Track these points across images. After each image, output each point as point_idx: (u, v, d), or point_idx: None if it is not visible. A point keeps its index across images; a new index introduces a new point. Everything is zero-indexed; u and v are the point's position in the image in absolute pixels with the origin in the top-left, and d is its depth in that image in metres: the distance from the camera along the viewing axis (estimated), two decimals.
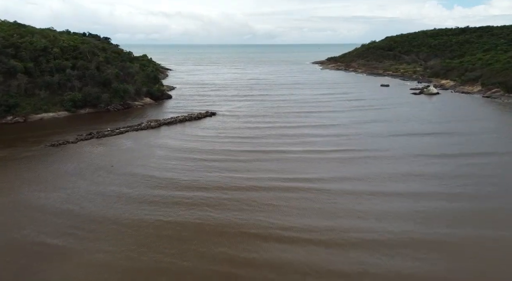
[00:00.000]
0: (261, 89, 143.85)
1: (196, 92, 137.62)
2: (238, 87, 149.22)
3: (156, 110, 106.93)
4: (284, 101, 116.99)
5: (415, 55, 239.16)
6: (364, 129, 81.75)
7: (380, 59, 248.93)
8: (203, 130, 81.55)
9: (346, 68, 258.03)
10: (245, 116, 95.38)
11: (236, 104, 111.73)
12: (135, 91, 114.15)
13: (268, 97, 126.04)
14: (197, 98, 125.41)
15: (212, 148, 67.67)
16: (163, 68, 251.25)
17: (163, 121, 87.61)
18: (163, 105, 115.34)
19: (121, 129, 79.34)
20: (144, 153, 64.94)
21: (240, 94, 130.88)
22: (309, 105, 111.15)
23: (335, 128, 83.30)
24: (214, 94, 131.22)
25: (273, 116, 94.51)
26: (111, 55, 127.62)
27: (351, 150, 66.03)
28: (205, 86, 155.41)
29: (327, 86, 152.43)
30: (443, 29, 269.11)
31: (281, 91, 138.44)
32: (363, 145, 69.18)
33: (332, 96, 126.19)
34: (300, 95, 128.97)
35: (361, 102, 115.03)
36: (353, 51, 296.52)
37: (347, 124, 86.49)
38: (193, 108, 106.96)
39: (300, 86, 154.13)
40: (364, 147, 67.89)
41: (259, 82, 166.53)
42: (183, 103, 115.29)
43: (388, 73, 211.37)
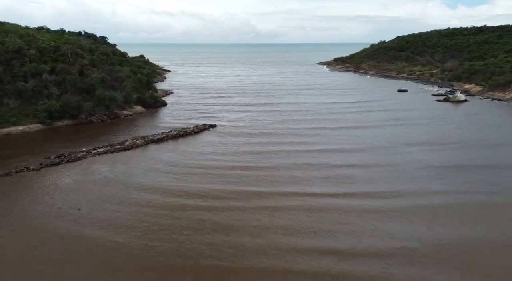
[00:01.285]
0: (266, 95, 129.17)
1: (195, 99, 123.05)
2: (241, 93, 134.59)
3: (147, 121, 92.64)
4: (294, 112, 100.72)
5: (430, 56, 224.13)
6: (406, 157, 62.47)
7: (391, 60, 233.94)
8: (198, 155, 65.50)
9: (355, 69, 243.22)
10: (249, 134, 78.75)
11: (239, 115, 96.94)
12: (124, 98, 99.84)
13: (275, 106, 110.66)
14: (195, 105, 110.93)
15: (206, 189, 49.73)
16: (162, 69, 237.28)
17: (151, 138, 73.21)
18: (156, 114, 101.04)
19: (99, 150, 65.06)
20: (121, 188, 50.62)
21: (243, 103, 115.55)
22: (325, 117, 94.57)
23: (367, 153, 64.78)
24: (214, 102, 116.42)
25: (282, 134, 78.08)
26: (98, 57, 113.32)
27: (411, 195, 46.75)
28: (204, 91, 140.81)
29: (340, 92, 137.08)
30: (458, 29, 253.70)
31: (288, 98, 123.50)
32: (422, 185, 50.13)
33: (349, 105, 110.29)
34: (312, 104, 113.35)
35: (386, 114, 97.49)
36: (362, 51, 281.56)
37: (380, 148, 68.14)
38: (189, 119, 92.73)
39: (309, 91, 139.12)
40: (425, 188, 48.87)
41: (264, 87, 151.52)
42: (178, 113, 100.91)
43: (402, 76, 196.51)
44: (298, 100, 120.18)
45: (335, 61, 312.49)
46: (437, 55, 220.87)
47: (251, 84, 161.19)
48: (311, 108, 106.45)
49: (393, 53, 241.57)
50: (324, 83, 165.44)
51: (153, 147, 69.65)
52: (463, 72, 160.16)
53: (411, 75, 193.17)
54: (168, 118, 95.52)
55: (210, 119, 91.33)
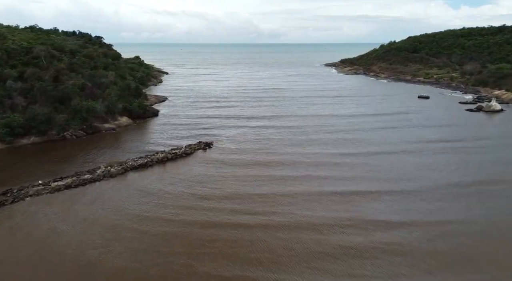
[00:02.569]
0: (272, 104, 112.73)
1: (190, 108, 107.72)
2: (243, 100, 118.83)
3: (131, 136, 77.79)
4: (307, 128, 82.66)
5: (446, 57, 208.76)
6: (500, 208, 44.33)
7: (404, 62, 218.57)
8: (187, 189, 50.77)
9: (365, 72, 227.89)
10: (253, 163, 60.00)
11: (240, 131, 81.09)
12: (106, 109, 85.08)
13: (283, 119, 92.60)
14: (190, 116, 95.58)
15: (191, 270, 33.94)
16: (159, 71, 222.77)
17: (131, 163, 58.23)
18: (144, 128, 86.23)
19: (59, 184, 50.22)
20: (74, 248, 35.86)
21: (245, 114, 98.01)
22: (346, 136, 75.83)
23: (430, 200, 45.70)
24: (212, 113, 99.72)
25: (297, 162, 59.71)
26: (80, 59, 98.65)
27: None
28: (203, 97, 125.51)
29: (355, 100, 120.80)
30: (475, 28, 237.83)
31: (297, 107, 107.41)
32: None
33: (371, 119, 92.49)
34: (326, 116, 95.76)
35: (418, 133, 78.33)
36: (371, 52, 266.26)
37: (444, 188, 49.30)
38: (182, 135, 77.96)
39: (320, 99, 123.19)
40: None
41: (268, 93, 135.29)
42: (170, 126, 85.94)
43: (417, 79, 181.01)
44: (309, 110, 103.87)
45: (342, 62, 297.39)
46: (455, 56, 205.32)
47: (254, 89, 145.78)
48: (326, 122, 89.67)
49: (405, 54, 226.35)
50: (334, 88, 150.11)
51: (131, 177, 54.79)
52: (489, 76, 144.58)
53: (428, 79, 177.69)
54: (157, 133, 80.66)
55: (206, 136, 76.25)
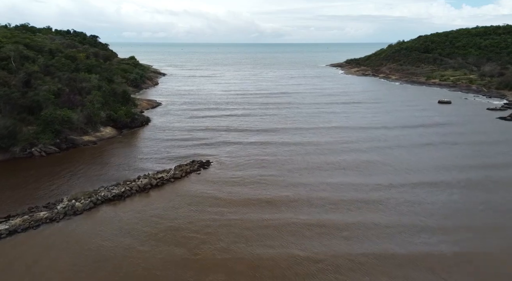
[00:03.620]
0: (278, 113, 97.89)
1: (187, 116, 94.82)
2: (245, 107, 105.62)
3: (113, 152, 65.57)
4: (321, 147, 67.59)
5: (462, 58, 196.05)
6: None
7: (416, 63, 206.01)
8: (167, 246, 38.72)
9: (374, 73, 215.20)
10: (258, 199, 45.70)
11: (242, 149, 66.98)
12: (86, 118, 72.88)
13: (292, 133, 77.24)
14: (185, 127, 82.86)
15: None
16: (156, 72, 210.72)
17: (104, 193, 45.83)
18: (130, 141, 73.99)
19: (3, 227, 37.95)
20: None
21: (248, 127, 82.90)
22: (373, 158, 60.95)
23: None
24: (211, 124, 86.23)
25: (312, 201, 45.26)
26: (59, 61, 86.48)
27: None
28: (201, 102, 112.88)
29: (371, 107, 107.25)
30: (490, 27, 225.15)
31: (308, 118, 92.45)
32: None
33: (397, 133, 77.80)
34: (342, 129, 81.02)
35: (459, 151, 64.95)
36: (379, 52, 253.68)
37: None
38: (174, 150, 65.77)
39: (331, 105, 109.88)
40: None
41: (273, 98, 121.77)
42: (161, 139, 73.58)
43: (432, 82, 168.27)
44: (320, 120, 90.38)
45: (348, 63, 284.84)
46: (470, 57, 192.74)
47: (257, 93, 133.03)
48: (342, 136, 75.86)
49: (417, 54, 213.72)
50: (344, 92, 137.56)
51: (102, 214, 42.54)
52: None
53: (444, 81, 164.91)
54: (144, 147, 68.45)
55: (201, 152, 63.98)
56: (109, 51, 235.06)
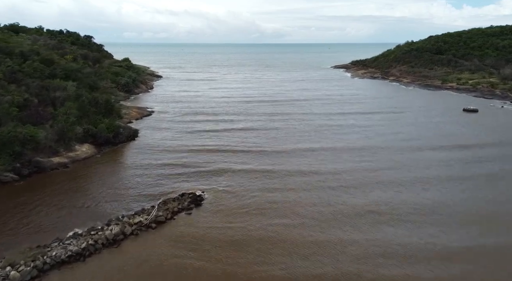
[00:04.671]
0: (286, 128, 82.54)
1: (179, 131, 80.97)
2: (248, 118, 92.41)
3: (86, 180, 53.33)
4: (344, 177, 53.44)
5: (478, 60, 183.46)
6: None
7: (428, 65, 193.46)
8: None
9: (384, 76, 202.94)
10: (265, 262, 33.88)
11: (245, 180, 52.85)
12: (58, 135, 60.61)
13: (307, 157, 62.20)
14: (177, 145, 70.02)
15: None
16: (152, 74, 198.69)
17: (56, 253, 33.39)
18: (111, 161, 61.63)
19: None
20: None
21: (252, 147, 67.83)
22: (424, 202, 45.68)
23: None
24: (207, 142, 71.70)
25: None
26: (30, 66, 74.14)
27: None
28: (197, 111, 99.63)
29: (393, 118, 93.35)
30: (505, 27, 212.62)
31: (322, 134, 78.29)
32: None
33: (440, 156, 63.34)
34: (368, 150, 66.01)
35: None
36: (388, 53, 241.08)
37: None
38: (161, 177, 53.47)
39: (348, 117, 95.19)
40: None
41: (279, 107, 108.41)
42: (147, 160, 61.23)
43: (449, 86, 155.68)
44: (339, 137, 75.72)
45: (354, 64, 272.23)
46: (487, 58, 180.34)
47: (261, 99, 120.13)
48: (370, 161, 61.09)
49: (429, 56, 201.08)
50: (355, 98, 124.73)
51: None
52: None
53: (462, 85, 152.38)
54: (125, 172, 56.18)
55: (193, 183, 51.56)
56: (103, 52, 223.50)
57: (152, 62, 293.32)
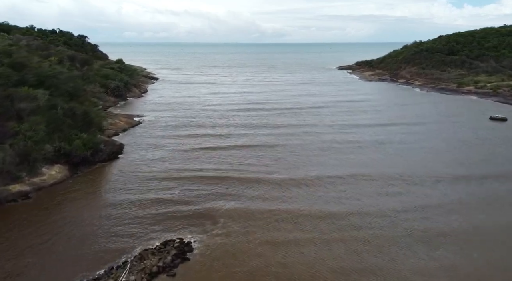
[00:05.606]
0: (293, 145, 70.12)
1: (170, 147, 69.30)
2: (249, 131, 79.78)
3: (51, 217, 42.45)
4: (372, 221, 41.20)
5: (494, 61, 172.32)
6: None
7: (441, 67, 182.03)
8: None
9: (393, 78, 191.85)
10: None
11: (246, 225, 40.82)
12: (20, 156, 49.72)
13: (320, 188, 49.79)
14: (165, 169, 57.91)
15: None
16: (148, 76, 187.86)
17: None
18: (84, 189, 50.57)
19: None
20: None
21: (253, 176, 54.16)
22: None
23: None
24: (201, 167, 58.59)
25: None
26: None
27: None
28: (192, 126, 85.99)
29: (421, 132, 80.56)
30: None
31: (336, 150, 67.75)
32: None
33: (496, 188, 50.66)
34: (401, 181, 52.74)
35: None
36: (395, 54, 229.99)
37: None
38: (141, 218, 42.51)
39: (366, 131, 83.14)
40: None
41: (283, 116, 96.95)
42: (128, 189, 50.01)
43: (467, 90, 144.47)
44: (360, 160, 62.26)
45: (359, 65, 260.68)
46: (504, 59, 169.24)
47: (263, 108, 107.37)
48: (407, 193, 48.95)
49: (440, 57, 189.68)
50: (368, 105, 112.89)
51: None
52: None
53: (480, 89, 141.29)
54: (99, 206, 45.25)
55: (180, 227, 40.27)
56: (98, 52, 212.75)
57: (150, 63, 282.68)
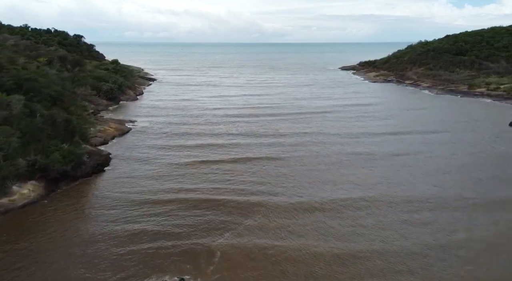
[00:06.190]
0: (300, 164, 58.87)
1: (162, 161, 60.26)
2: (253, 142, 70.67)
3: (13, 253, 35.45)
4: None
5: (505, 61, 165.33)
6: None
7: (449, 68, 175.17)
8: None
9: (399, 79, 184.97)
10: None
11: (253, 273, 31.46)
12: None
13: (340, 218, 39.75)
14: (155, 191, 49.51)
15: None
16: (144, 77, 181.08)
17: None
18: (60, 210, 43.54)
19: None
20: None
21: (259, 194, 45.95)
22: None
23: None
24: (200, 185, 50.81)
25: None
26: None
27: None
28: (189, 134, 77.30)
29: (447, 143, 70.69)
30: None
31: (353, 166, 58.82)
32: None
33: None
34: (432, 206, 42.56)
35: None
36: (400, 54, 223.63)
37: None
38: (126, 253, 35.44)
39: (382, 142, 74.45)
40: None
41: (288, 123, 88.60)
42: (112, 217, 42.62)
43: (479, 92, 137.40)
44: (380, 178, 52.92)
45: (362, 65, 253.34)
46: None
47: (266, 112, 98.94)
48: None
49: (448, 57, 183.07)
50: (378, 110, 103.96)
51: None
52: None
53: (493, 91, 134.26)
54: (72, 249, 38.15)
55: (172, 265, 33.21)
56: (93, 52, 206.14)
57: (148, 63, 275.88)
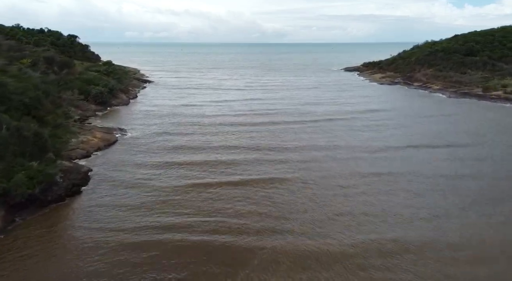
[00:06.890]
0: (313, 181, 51.74)
1: (155, 180, 51.87)
2: (255, 158, 61.19)
3: None
4: None
5: None
6: None
7: (460, 69, 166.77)
8: None
9: (407, 81, 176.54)
10: None
11: None
12: None
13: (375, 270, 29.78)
14: (143, 219, 40.89)
15: None
16: (140, 79, 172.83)
17: None
18: (19, 255, 35.21)
19: None
20: None
21: (261, 235, 34.86)
22: None
23: None
24: (189, 219, 41.72)
25: None
26: None
27: None
28: (183, 147, 67.51)
29: (467, 158, 63.64)
30: None
31: (372, 178, 51.66)
32: None
33: None
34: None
35: None
36: (407, 54, 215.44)
37: None
38: None
39: (399, 157, 68.72)
40: None
41: (294, 134, 79.92)
42: (84, 259, 34.56)
43: (495, 95, 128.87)
44: (405, 206, 42.99)
45: (366, 66, 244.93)
46: None
47: (269, 120, 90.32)
48: None
49: (459, 58, 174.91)
50: (391, 117, 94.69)
51: None
52: None
53: (510, 94, 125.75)
54: None
55: None
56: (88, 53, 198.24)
57: (146, 64, 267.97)
